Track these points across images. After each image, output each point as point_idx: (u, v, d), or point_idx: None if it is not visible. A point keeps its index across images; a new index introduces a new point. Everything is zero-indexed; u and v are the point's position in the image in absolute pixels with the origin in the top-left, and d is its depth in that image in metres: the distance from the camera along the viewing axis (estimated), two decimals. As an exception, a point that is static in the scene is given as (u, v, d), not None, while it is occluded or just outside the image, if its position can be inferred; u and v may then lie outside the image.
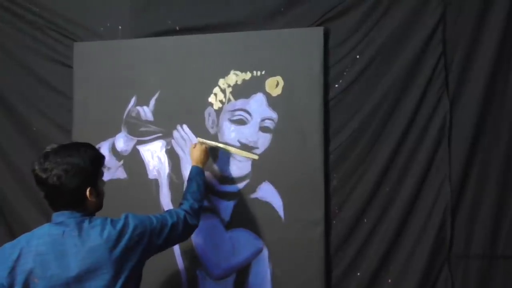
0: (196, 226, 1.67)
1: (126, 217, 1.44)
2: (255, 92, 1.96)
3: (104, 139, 2.08)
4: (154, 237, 1.48)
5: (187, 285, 1.99)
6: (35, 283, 1.32)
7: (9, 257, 1.34)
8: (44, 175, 1.36)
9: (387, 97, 1.88)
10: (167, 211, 1.63)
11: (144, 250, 1.44)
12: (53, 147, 1.41)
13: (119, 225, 1.40)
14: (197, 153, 1.89)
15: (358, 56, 1.91)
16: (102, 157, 1.49)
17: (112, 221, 1.41)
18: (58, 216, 1.40)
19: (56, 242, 1.35)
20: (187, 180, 1.81)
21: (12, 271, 1.33)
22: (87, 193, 1.40)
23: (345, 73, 1.92)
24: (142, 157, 2.05)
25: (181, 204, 1.70)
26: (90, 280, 1.33)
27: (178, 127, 2.02)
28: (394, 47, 1.88)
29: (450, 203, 1.83)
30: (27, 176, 2.19)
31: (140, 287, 1.49)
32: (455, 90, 1.85)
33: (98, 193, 1.46)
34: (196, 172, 1.82)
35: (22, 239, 1.39)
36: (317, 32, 1.92)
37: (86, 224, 1.38)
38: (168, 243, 1.55)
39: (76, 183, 1.38)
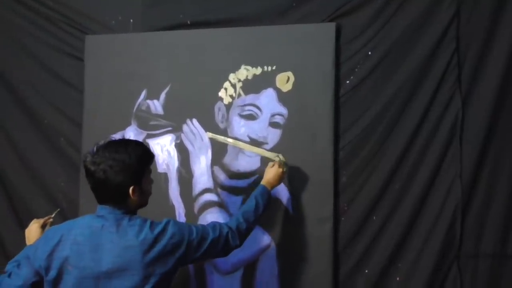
0: (237, 247, 1.58)
1: (167, 223, 1.41)
2: (265, 88, 1.95)
3: (114, 132, 2.08)
4: (191, 248, 1.43)
5: (194, 279, 2.00)
6: (69, 270, 1.35)
7: (50, 241, 1.38)
8: (92, 168, 1.38)
9: (398, 94, 1.87)
10: (211, 223, 1.56)
11: (179, 259, 1.41)
12: (106, 141, 1.43)
13: (157, 230, 1.38)
14: (272, 173, 1.79)
15: (370, 53, 1.90)
16: (150, 156, 1.47)
17: (151, 224, 1.39)
18: (101, 209, 1.41)
19: (94, 235, 1.36)
20: (251, 196, 1.72)
21: (50, 255, 1.36)
22: (130, 190, 1.38)
23: (356, 70, 1.91)
24: (152, 151, 2.05)
25: (230, 219, 1.64)
26: (119, 279, 1.33)
27: (188, 121, 2.02)
28: (406, 44, 1.86)
29: (460, 202, 1.82)
30: (38, 170, 2.21)
31: None
32: (468, 88, 1.83)
33: (142, 192, 1.43)
34: (262, 192, 1.73)
35: (65, 225, 1.42)
36: (329, 28, 1.90)
37: (125, 221, 1.38)
38: (204, 258, 1.53)
39: (120, 180, 1.37)
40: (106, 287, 1.34)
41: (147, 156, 1.46)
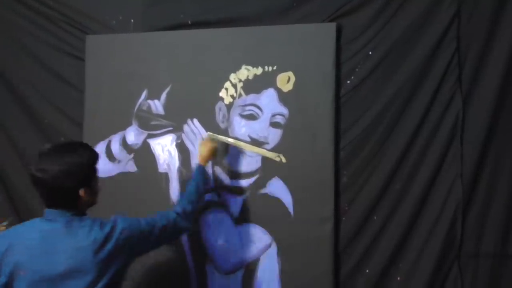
0: (188, 228, 1.66)
1: (115, 220, 1.45)
2: (266, 88, 1.95)
3: (115, 132, 2.09)
4: (142, 240, 1.49)
5: (195, 279, 2.00)
6: (21, 276, 1.34)
7: None
8: (40, 175, 1.37)
9: (399, 94, 1.87)
10: (158, 213, 1.62)
11: (130, 253, 1.46)
12: (49, 147, 1.42)
13: (106, 228, 1.41)
14: (204, 150, 1.87)
15: (370, 53, 1.90)
16: (97, 157, 1.49)
17: (101, 223, 1.42)
18: (50, 213, 1.41)
19: (45, 238, 1.37)
20: (190, 179, 1.80)
21: None
22: (81, 192, 1.41)
23: (357, 70, 1.91)
24: (153, 151, 2.05)
25: (176, 204, 1.71)
26: (74, 279, 1.35)
27: (189, 121, 2.02)
28: (407, 44, 1.86)
29: (461, 202, 1.82)
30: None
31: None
32: (469, 88, 1.83)
33: (92, 192, 1.47)
34: (199, 171, 1.81)
35: (12, 231, 1.42)
36: (330, 28, 1.90)
37: (75, 223, 1.40)
38: (158, 244, 1.58)
39: (71, 183, 1.39)
40: None
41: (93, 157, 1.47)
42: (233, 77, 1.98)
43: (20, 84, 2.26)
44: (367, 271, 1.89)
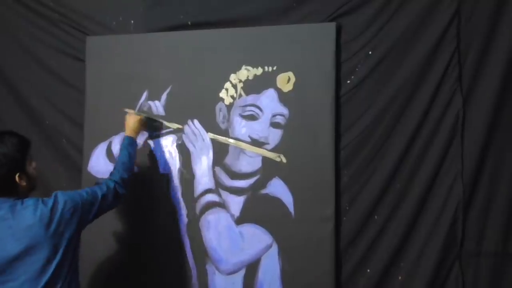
0: (125, 194, 1.77)
1: (56, 195, 1.54)
2: (266, 88, 1.95)
3: (115, 133, 2.09)
4: (86, 208, 1.59)
5: (196, 279, 2.00)
6: None
7: None
8: None
9: (399, 94, 1.87)
10: (97, 183, 1.76)
11: (78, 222, 1.56)
12: None
13: (50, 203, 1.50)
14: (131, 122, 1.95)
15: (370, 52, 1.89)
16: (27, 142, 1.57)
17: (43, 200, 1.51)
18: None
19: None
20: (119, 150, 1.89)
21: None
22: (17, 178, 1.49)
23: (357, 69, 1.91)
24: (153, 152, 2.06)
25: (111, 173, 1.79)
26: (30, 256, 1.44)
27: (189, 122, 2.02)
28: (407, 43, 1.86)
29: (462, 200, 1.81)
30: (40, 171, 2.21)
31: (78, 254, 1.64)
32: (469, 87, 1.82)
33: (29, 177, 1.55)
34: (129, 142, 1.90)
35: None
36: (329, 28, 1.90)
37: (19, 206, 1.48)
38: (100, 213, 1.67)
39: (5, 172, 1.47)
40: (19, 268, 1.43)
41: (24, 143, 1.55)
42: (233, 77, 1.99)
43: (20, 85, 2.26)
44: (368, 270, 1.89)
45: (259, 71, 1.96)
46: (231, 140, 1.97)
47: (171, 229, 2.02)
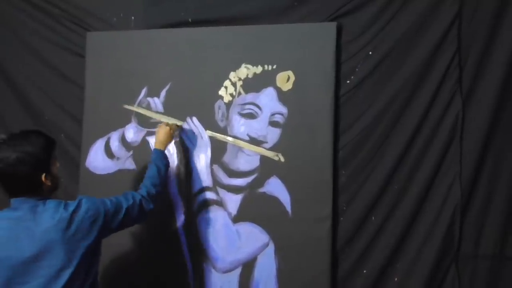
0: (152, 210, 1.70)
1: (80, 200, 1.50)
2: (265, 86, 1.95)
3: (114, 129, 2.09)
4: (109, 218, 1.53)
5: (193, 277, 2.00)
6: None
7: None
8: None
9: (399, 94, 1.86)
10: (124, 193, 1.66)
11: (99, 230, 1.50)
12: (3, 137, 1.46)
13: (71, 208, 1.46)
14: (161, 134, 1.89)
15: (371, 52, 1.89)
16: (53, 142, 1.54)
17: (65, 204, 1.47)
18: (14, 202, 1.46)
19: (12, 226, 1.42)
20: (149, 163, 1.83)
21: None
22: (42, 178, 1.46)
23: (357, 69, 1.91)
24: (152, 148, 2.05)
25: (139, 188, 1.74)
26: (45, 260, 1.40)
27: (188, 119, 2.02)
28: (407, 43, 1.86)
29: (460, 203, 1.81)
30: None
31: (99, 264, 1.58)
32: (469, 88, 1.82)
33: (53, 177, 1.51)
34: (158, 155, 1.85)
35: None
36: (330, 27, 1.90)
37: (40, 207, 1.45)
38: (122, 226, 1.61)
39: (30, 171, 1.44)
40: (35, 270, 1.40)
41: (50, 142, 1.52)
42: (232, 75, 1.98)
43: (20, 80, 2.26)
44: (365, 271, 1.89)
45: (258, 69, 1.96)
46: (229, 138, 1.97)
47: (167, 227, 2.01)
